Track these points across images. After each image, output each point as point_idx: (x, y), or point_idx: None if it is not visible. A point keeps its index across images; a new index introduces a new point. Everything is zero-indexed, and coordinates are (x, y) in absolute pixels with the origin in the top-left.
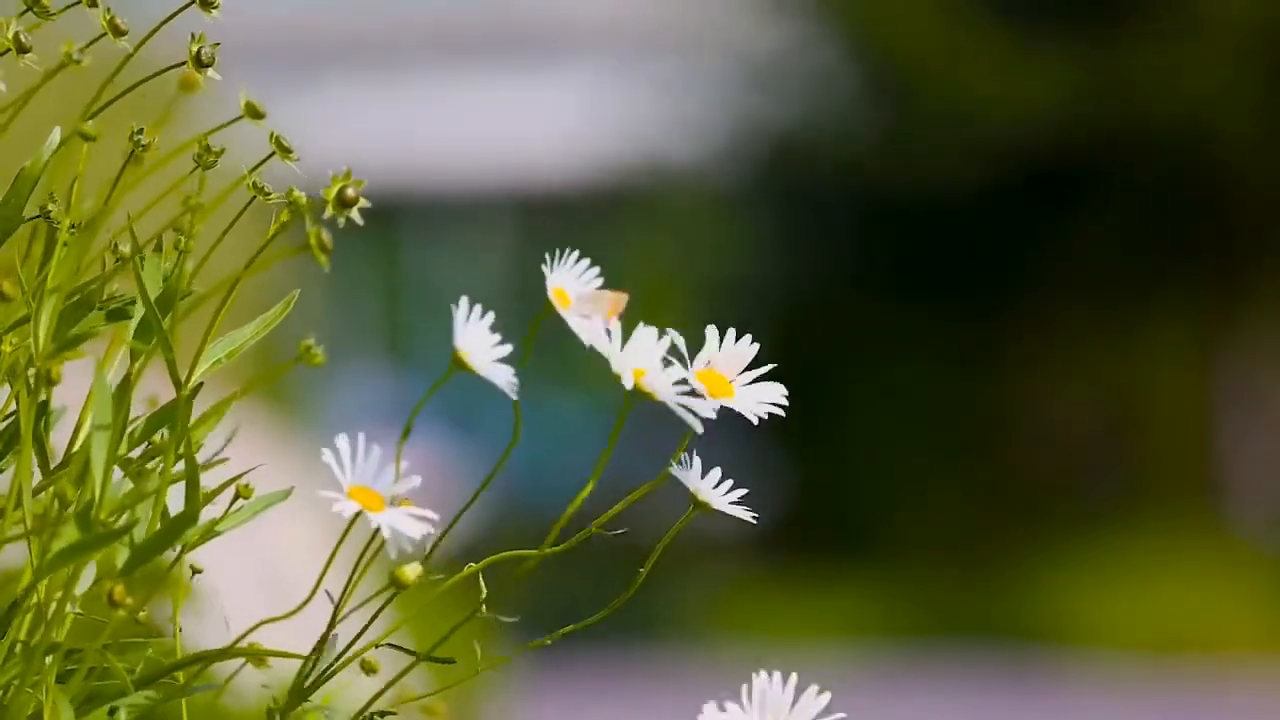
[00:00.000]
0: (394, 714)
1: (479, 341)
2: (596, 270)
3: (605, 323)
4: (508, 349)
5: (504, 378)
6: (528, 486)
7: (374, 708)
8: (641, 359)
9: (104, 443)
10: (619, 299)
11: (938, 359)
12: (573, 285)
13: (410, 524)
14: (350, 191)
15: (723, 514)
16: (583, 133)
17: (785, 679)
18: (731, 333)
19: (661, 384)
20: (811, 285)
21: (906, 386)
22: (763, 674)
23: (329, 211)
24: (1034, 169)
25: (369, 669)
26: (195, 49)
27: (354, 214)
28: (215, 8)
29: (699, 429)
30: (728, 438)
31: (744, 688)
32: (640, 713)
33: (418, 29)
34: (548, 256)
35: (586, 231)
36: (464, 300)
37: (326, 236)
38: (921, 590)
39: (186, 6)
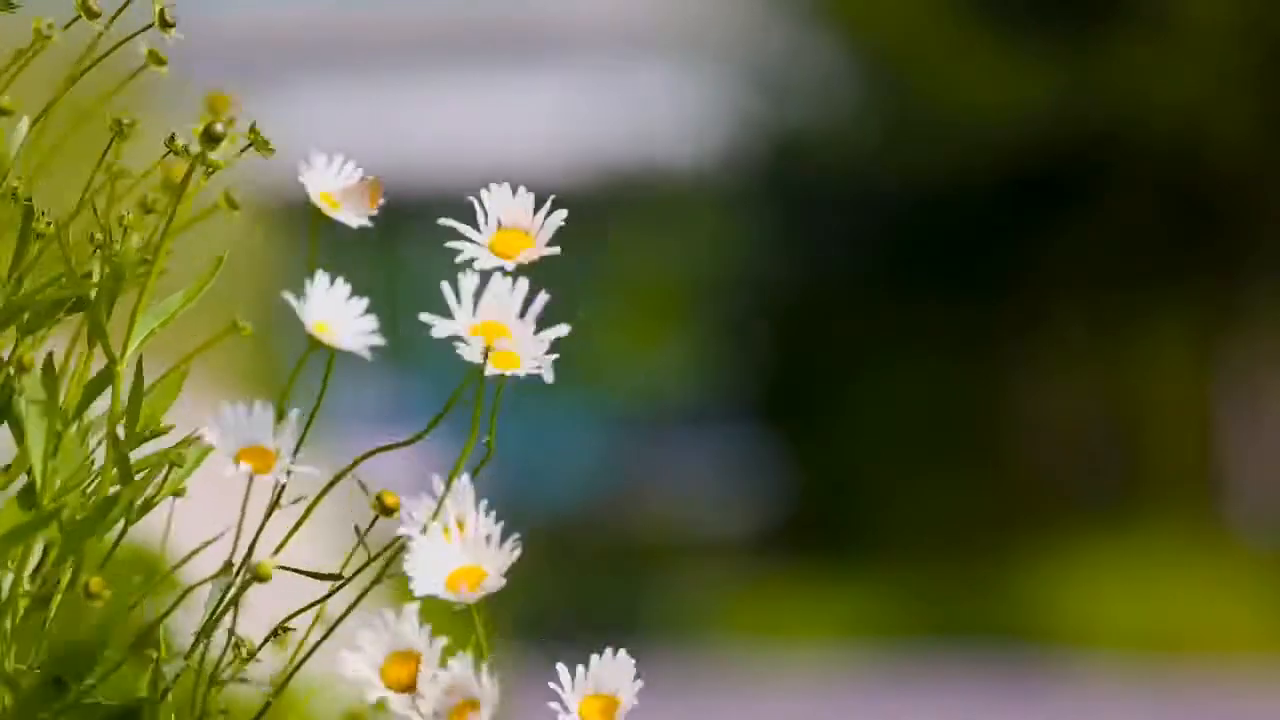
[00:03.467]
0: (293, 629)
1: (340, 313)
2: (354, 164)
3: (368, 212)
4: (373, 322)
5: (362, 345)
6: (525, 487)
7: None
8: (496, 311)
9: (40, 423)
10: (375, 185)
11: (938, 359)
12: (334, 184)
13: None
14: (218, 127)
15: (724, 516)
16: (583, 133)
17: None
18: (508, 189)
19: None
20: (811, 285)
21: (906, 387)
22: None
23: (196, 148)
24: (1033, 169)
25: (261, 577)
26: (159, 9)
27: (222, 150)
28: (172, 26)
29: (548, 379)
30: (727, 438)
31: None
32: (639, 713)
33: (417, 29)
34: (302, 161)
35: (587, 231)
36: (320, 274)
37: (237, 195)
38: (921, 590)
39: (148, 28)
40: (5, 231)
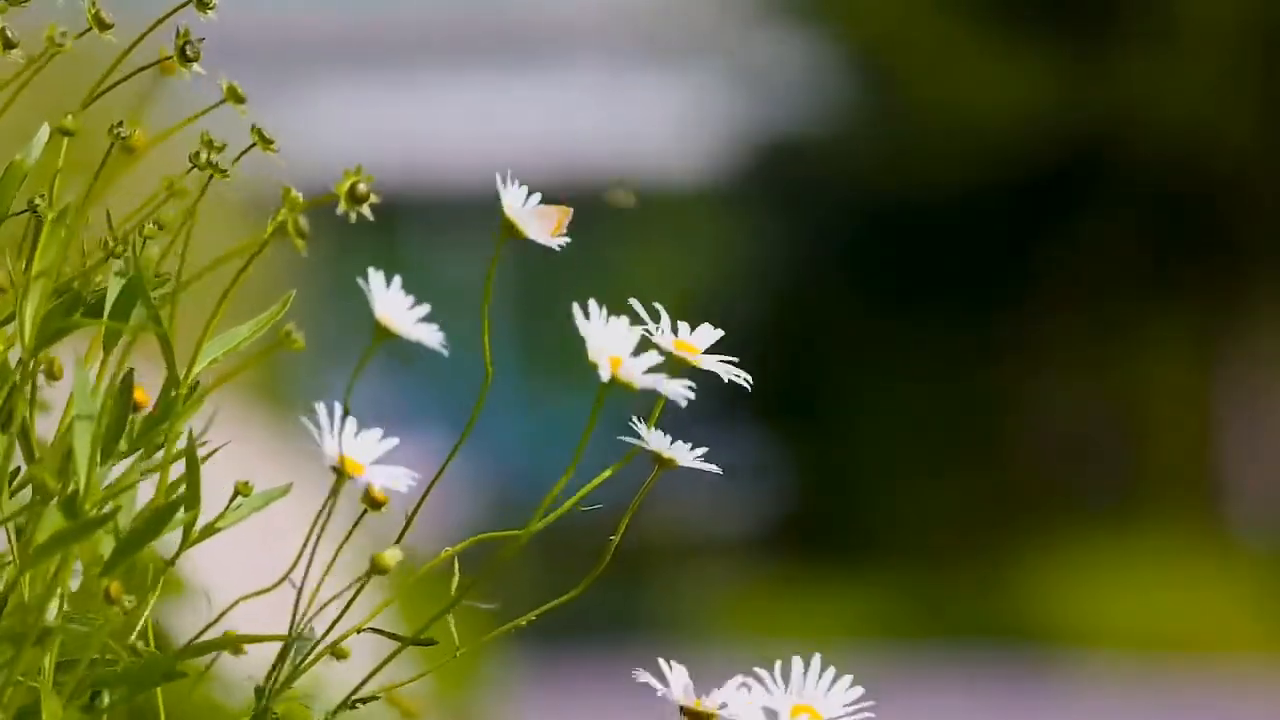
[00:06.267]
0: (378, 698)
1: (397, 306)
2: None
3: (554, 239)
4: (426, 308)
5: (431, 336)
6: (529, 487)
7: (358, 695)
8: (616, 346)
9: (87, 432)
10: (563, 212)
11: (938, 360)
12: (521, 208)
13: (394, 478)
14: (362, 187)
15: (724, 516)
16: (582, 133)
17: (822, 670)
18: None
19: (636, 371)
20: (810, 287)
21: (906, 387)
22: (796, 660)
23: (341, 207)
24: (1034, 171)
25: (340, 655)
26: (181, 43)
27: (365, 210)
28: (211, 8)
29: (684, 401)
30: (727, 439)
31: (778, 666)
32: (640, 713)
33: (417, 29)
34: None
35: (586, 233)
36: (373, 271)
37: (304, 223)
38: (921, 590)
39: (183, 6)
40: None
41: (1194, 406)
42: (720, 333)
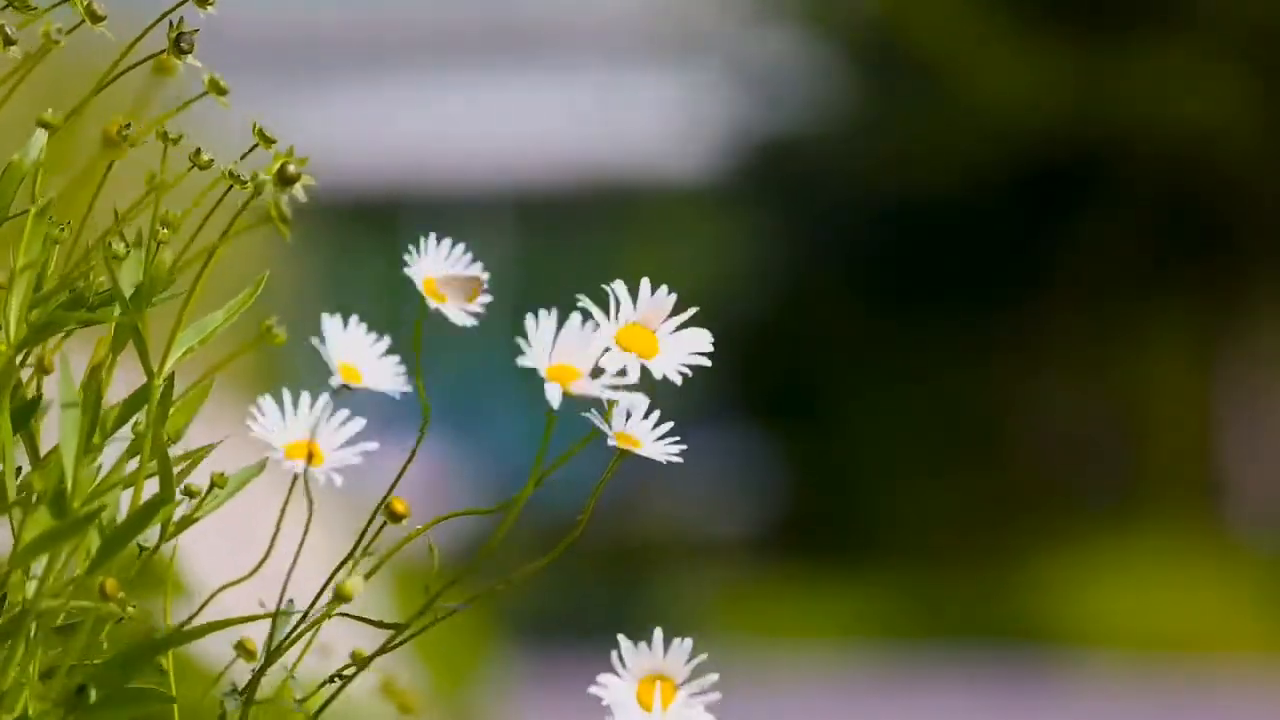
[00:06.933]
0: (352, 676)
1: (362, 352)
2: (468, 256)
3: (467, 307)
4: (386, 348)
5: (392, 385)
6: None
7: (340, 687)
8: (572, 355)
9: (73, 428)
10: (475, 284)
11: (938, 360)
12: (440, 272)
13: (351, 459)
14: (291, 169)
15: (724, 516)
16: (582, 133)
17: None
18: (647, 285)
19: (591, 387)
20: (810, 287)
21: (906, 387)
22: (624, 640)
23: (270, 190)
24: (1035, 170)
25: (359, 658)
26: (174, 35)
27: (297, 192)
28: (210, 3)
29: (643, 405)
30: (727, 439)
31: (615, 652)
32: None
33: (417, 29)
34: (412, 247)
35: (585, 232)
36: (327, 317)
37: (286, 207)
38: (921, 591)
39: (183, 3)
40: (32, 242)
41: (1194, 406)
42: (673, 298)
